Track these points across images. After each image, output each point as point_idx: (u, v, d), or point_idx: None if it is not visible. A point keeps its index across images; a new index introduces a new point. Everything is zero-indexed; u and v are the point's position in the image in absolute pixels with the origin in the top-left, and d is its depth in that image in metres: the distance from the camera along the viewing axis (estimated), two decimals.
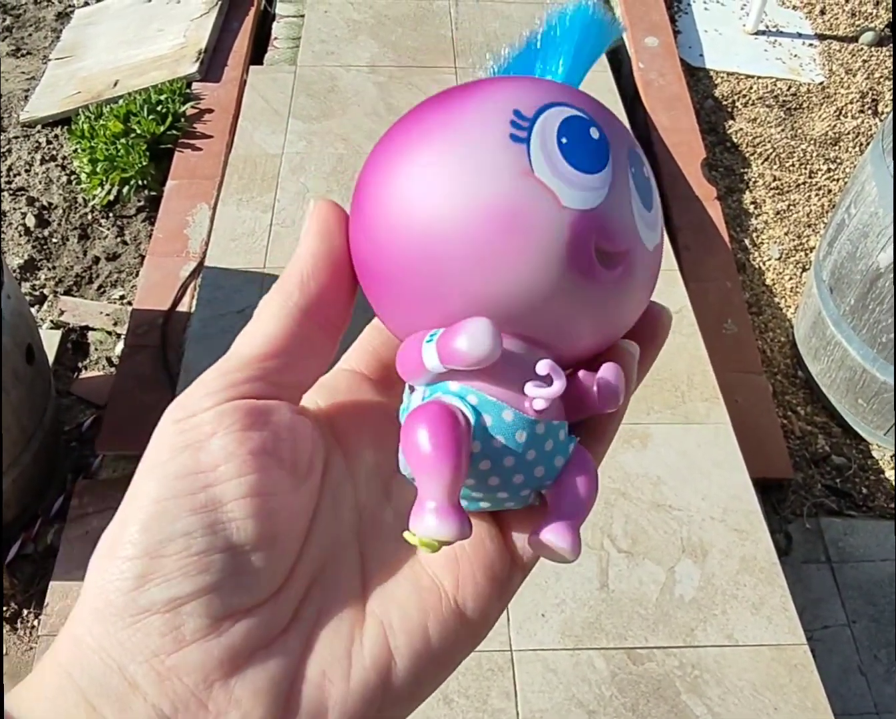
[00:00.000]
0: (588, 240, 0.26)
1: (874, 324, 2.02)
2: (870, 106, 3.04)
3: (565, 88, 0.29)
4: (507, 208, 0.26)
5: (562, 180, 0.26)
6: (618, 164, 0.28)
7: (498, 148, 0.26)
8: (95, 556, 0.27)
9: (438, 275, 0.27)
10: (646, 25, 3.15)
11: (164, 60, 2.90)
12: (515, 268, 0.26)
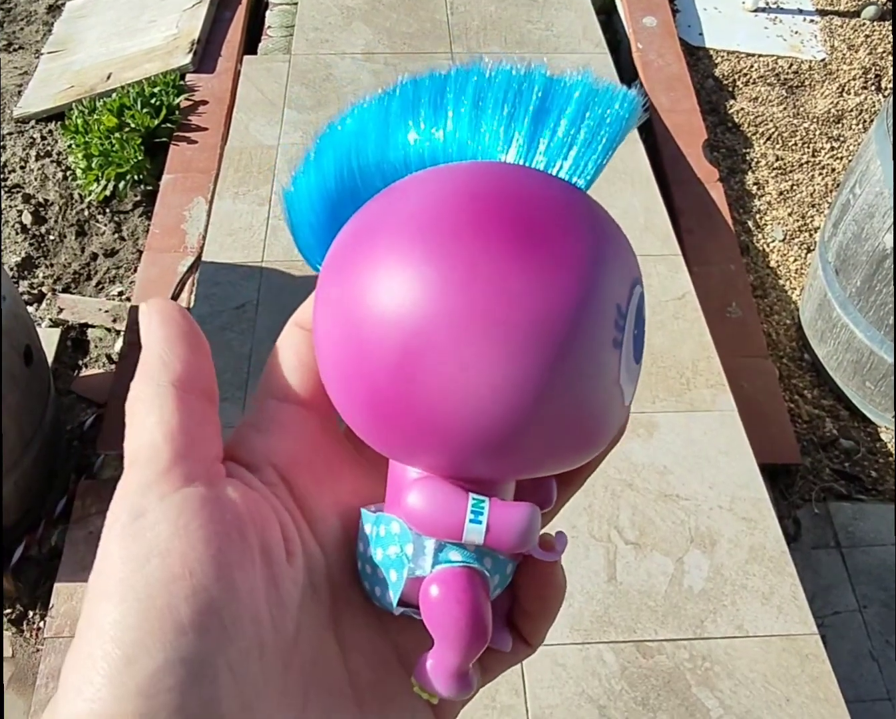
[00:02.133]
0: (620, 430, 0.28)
1: (881, 306, 2.00)
2: (873, 82, 3.00)
3: (623, 237, 0.27)
4: (596, 416, 0.25)
5: (629, 379, 0.26)
6: (627, 339, 0.26)
7: (603, 357, 0.25)
8: (65, 697, 0.23)
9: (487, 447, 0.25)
10: (644, 5, 3.11)
11: (156, 52, 2.87)
12: (583, 456, 0.27)
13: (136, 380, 0.27)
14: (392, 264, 0.24)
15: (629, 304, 0.25)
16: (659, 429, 1.87)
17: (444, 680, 0.27)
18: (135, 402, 0.27)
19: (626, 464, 1.81)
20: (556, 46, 2.87)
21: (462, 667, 0.27)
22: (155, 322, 0.28)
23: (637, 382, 0.28)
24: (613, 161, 0.27)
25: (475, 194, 0.25)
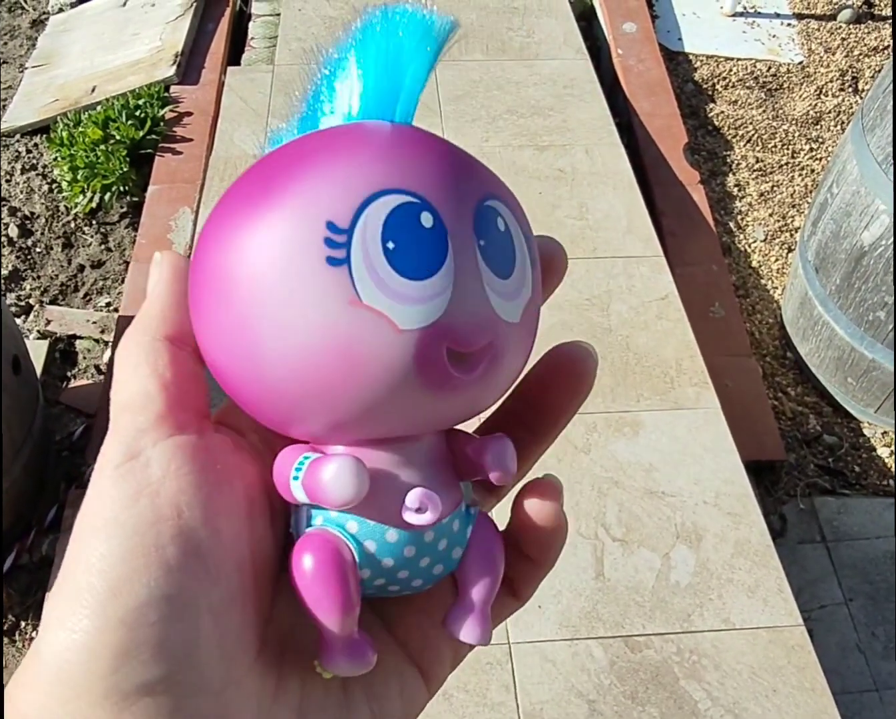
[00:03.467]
0: (438, 355, 0.24)
1: (860, 303, 2.03)
2: (850, 84, 3.05)
3: (390, 151, 0.25)
4: (339, 346, 0.23)
5: (395, 299, 0.23)
6: (460, 248, 0.24)
7: (315, 277, 0.23)
8: (47, 629, 0.24)
9: (281, 401, 0.25)
10: (623, 11, 3.14)
11: (140, 65, 2.88)
12: (363, 399, 0.24)
13: (133, 328, 0.27)
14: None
15: (359, 216, 0.23)
16: (644, 427, 1.89)
17: (322, 652, 0.26)
18: (130, 350, 0.27)
19: (612, 463, 1.83)
20: (537, 53, 2.89)
21: (328, 636, 0.26)
22: (165, 275, 0.28)
23: (524, 289, 0.26)
24: (596, 165, 0.29)
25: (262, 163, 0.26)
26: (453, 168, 0.25)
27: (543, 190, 2.42)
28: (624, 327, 2.09)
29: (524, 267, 0.26)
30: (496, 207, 0.26)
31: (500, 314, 0.25)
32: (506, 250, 0.25)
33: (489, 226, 0.25)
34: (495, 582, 0.28)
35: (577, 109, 2.68)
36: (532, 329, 0.28)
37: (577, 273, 2.21)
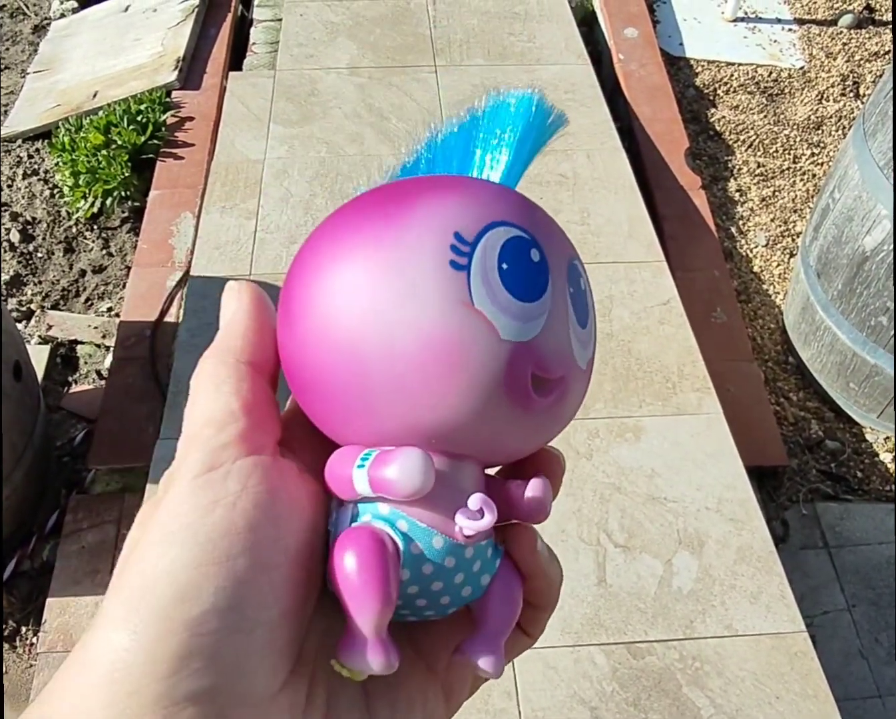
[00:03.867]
0: (525, 372, 0.27)
1: (862, 308, 2.03)
2: (851, 89, 3.05)
3: (508, 198, 0.28)
4: (445, 340, 0.26)
5: (501, 311, 0.26)
6: (557, 288, 0.27)
7: (437, 276, 0.26)
8: (103, 628, 0.24)
9: (370, 394, 0.27)
10: (624, 16, 3.15)
11: (142, 70, 2.89)
12: (451, 398, 0.26)
13: (216, 349, 0.29)
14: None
15: (482, 235, 0.26)
16: (646, 432, 1.89)
17: (345, 648, 0.27)
18: (215, 370, 0.28)
19: (614, 468, 1.82)
20: (538, 58, 2.90)
21: (356, 632, 0.26)
22: (245, 303, 0.29)
23: (592, 344, 0.30)
24: (597, 170, 0.31)
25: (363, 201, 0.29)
26: (554, 225, 0.29)
27: (545, 195, 2.42)
28: (626, 332, 2.08)
29: (593, 326, 0.30)
30: (579, 269, 0.29)
31: (575, 355, 0.28)
32: (585, 305, 0.29)
33: (576, 280, 0.29)
34: (513, 618, 0.29)
35: (579, 114, 2.68)
36: (587, 386, 0.30)
37: None
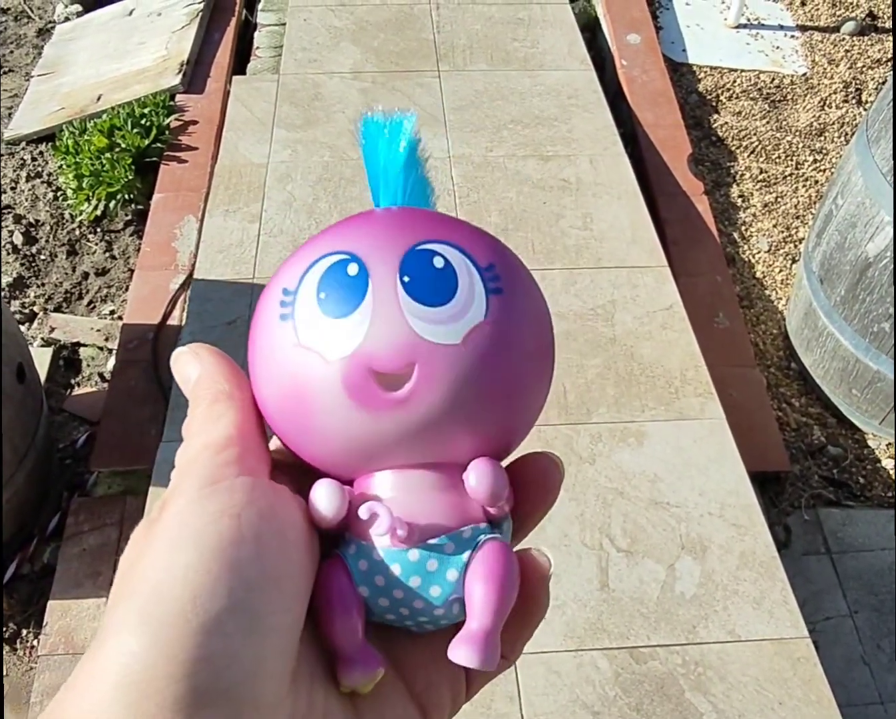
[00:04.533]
0: (361, 377, 0.28)
1: (865, 314, 2.03)
2: (853, 95, 3.05)
3: (342, 228, 0.31)
4: (289, 382, 0.29)
5: (322, 337, 0.29)
6: (381, 286, 0.29)
7: (273, 332, 0.30)
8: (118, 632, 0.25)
9: (284, 438, 0.31)
10: (627, 22, 3.15)
11: (146, 73, 2.89)
12: (318, 425, 0.29)
13: (203, 396, 0.31)
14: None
15: (303, 279, 0.30)
16: (649, 437, 1.89)
17: (337, 669, 0.29)
18: (210, 407, 0.30)
19: (617, 473, 1.82)
20: (541, 63, 2.90)
21: (335, 650, 0.29)
22: (208, 360, 0.32)
23: (469, 316, 0.29)
24: (600, 175, 0.30)
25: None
26: (394, 227, 0.30)
27: (548, 200, 2.42)
28: (628, 337, 2.08)
29: (471, 296, 0.29)
30: (435, 249, 0.29)
31: (428, 337, 0.28)
32: (441, 281, 0.29)
33: (419, 264, 0.29)
34: (498, 607, 0.29)
35: (582, 120, 2.68)
36: (491, 351, 0.29)
37: (582, 283, 2.21)
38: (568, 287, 2.19)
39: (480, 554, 0.29)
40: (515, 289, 0.30)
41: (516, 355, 0.30)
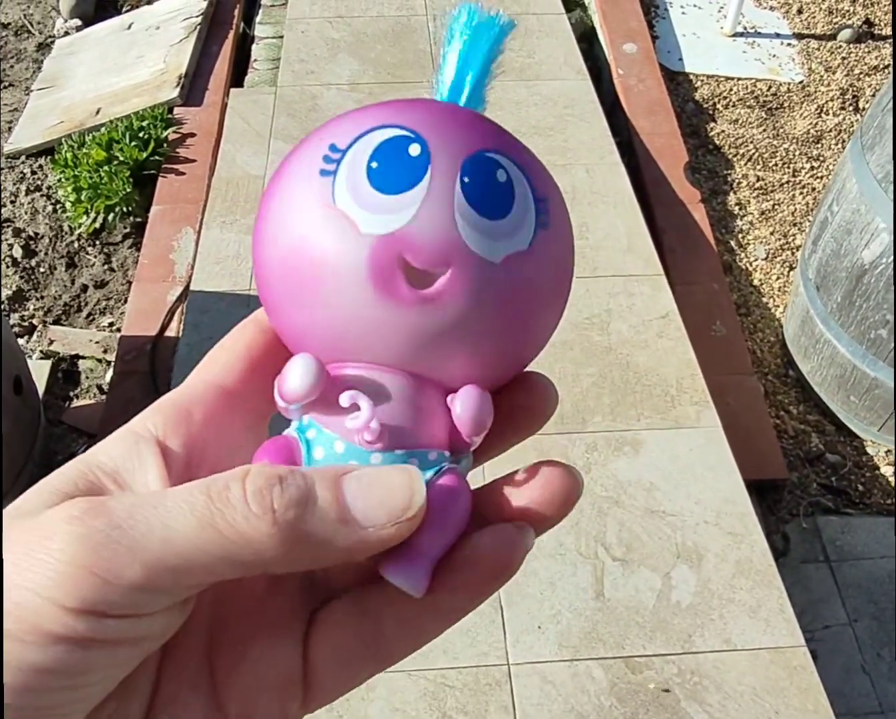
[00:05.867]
0: (390, 262, 0.26)
1: (862, 321, 2.02)
2: (850, 103, 3.06)
3: (409, 105, 0.29)
4: (308, 240, 0.27)
5: (363, 207, 0.26)
6: (440, 177, 0.27)
7: (306, 183, 0.27)
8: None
9: (275, 301, 0.29)
10: (624, 32, 3.16)
11: (144, 87, 2.91)
12: (326, 299, 0.27)
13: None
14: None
15: (357, 141, 0.27)
16: (645, 446, 1.89)
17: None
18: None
19: (613, 482, 1.82)
20: (537, 74, 2.91)
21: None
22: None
23: (516, 239, 0.28)
24: (597, 184, 0.30)
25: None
26: (465, 123, 0.28)
27: None
28: (624, 346, 2.08)
29: (522, 220, 0.28)
30: (501, 162, 0.28)
31: (471, 245, 0.27)
32: (498, 196, 0.28)
33: (483, 171, 0.27)
34: (442, 535, 0.27)
35: (578, 129, 2.69)
36: (523, 283, 0.28)
37: (578, 292, 2.21)
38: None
39: (440, 483, 0.28)
40: (560, 229, 0.30)
41: (543, 293, 0.29)
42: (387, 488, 0.25)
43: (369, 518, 0.24)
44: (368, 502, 0.24)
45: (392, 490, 0.25)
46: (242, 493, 0.23)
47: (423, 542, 0.27)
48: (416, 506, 0.25)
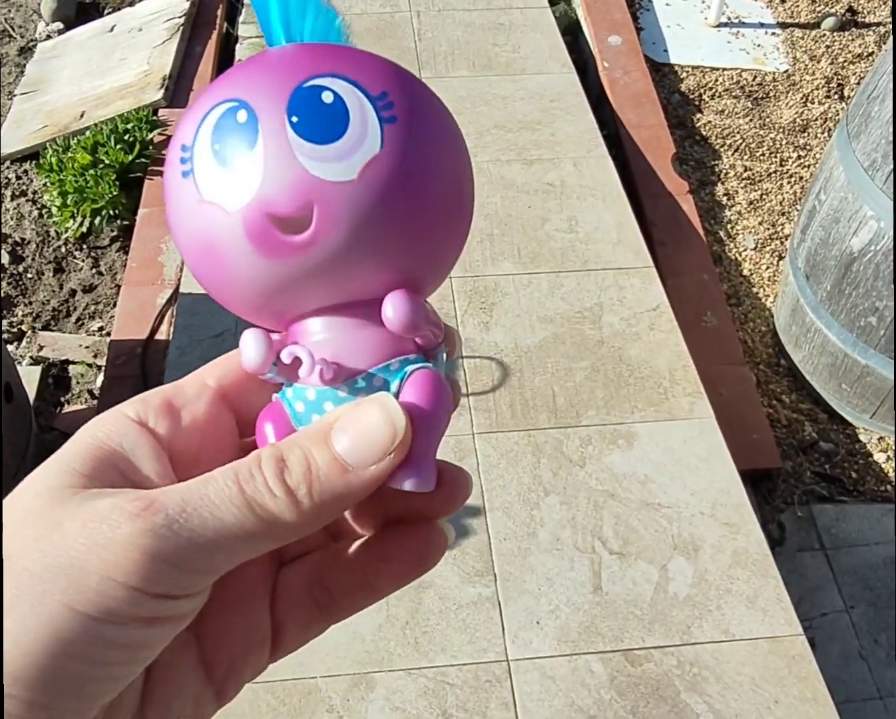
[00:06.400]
0: (263, 225, 0.28)
1: (851, 309, 2.03)
2: (835, 91, 3.06)
3: (242, 69, 0.30)
4: (199, 235, 0.29)
5: (221, 188, 0.29)
6: (269, 130, 0.28)
7: (176, 190, 0.30)
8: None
9: (204, 286, 0.31)
10: (608, 24, 3.16)
11: (128, 89, 2.89)
12: (231, 275, 0.29)
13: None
14: None
15: (197, 132, 0.29)
16: (639, 438, 1.89)
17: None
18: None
19: (608, 475, 1.82)
20: (523, 68, 2.91)
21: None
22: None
23: (362, 150, 0.28)
24: (584, 178, 0.29)
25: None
26: (282, 67, 0.29)
27: (532, 204, 2.43)
28: (616, 339, 2.08)
29: (363, 128, 0.29)
30: (323, 84, 0.29)
31: (323, 176, 0.28)
32: (330, 117, 0.28)
33: (307, 102, 0.29)
34: (428, 428, 0.29)
35: (565, 123, 2.69)
36: (388, 181, 0.29)
37: (568, 286, 2.21)
38: (554, 290, 2.19)
39: (408, 383, 0.30)
40: (413, 117, 0.29)
41: (417, 184, 0.29)
42: (370, 428, 0.27)
43: (366, 459, 0.27)
44: (360, 448, 0.27)
45: (375, 428, 0.27)
46: (264, 479, 0.26)
47: (417, 447, 0.29)
48: (400, 431, 0.27)
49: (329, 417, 0.29)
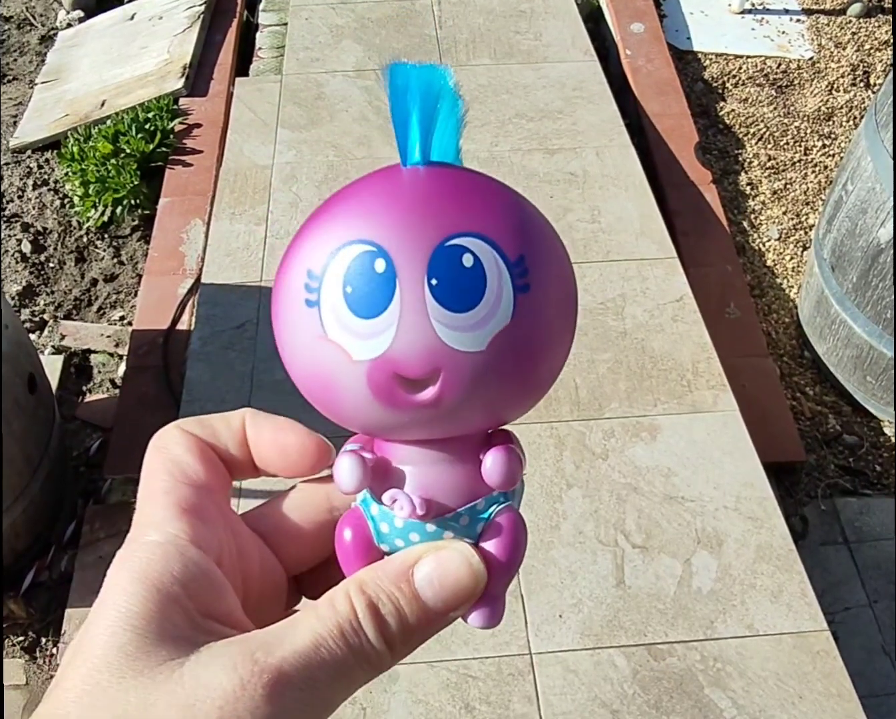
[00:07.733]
0: (385, 380, 0.29)
1: (878, 301, 2.01)
2: (861, 78, 3.02)
3: (371, 210, 0.29)
4: (315, 369, 0.30)
5: (350, 335, 0.29)
6: (409, 289, 0.28)
7: (298, 316, 0.30)
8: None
9: (310, 401, 0.31)
10: (631, 12, 3.13)
11: (149, 78, 2.89)
12: (342, 407, 0.30)
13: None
14: None
15: (328, 266, 0.29)
16: (662, 431, 1.88)
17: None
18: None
19: (631, 468, 1.81)
20: (545, 56, 2.88)
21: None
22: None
23: (491, 322, 0.29)
24: (607, 167, 0.29)
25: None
26: (422, 211, 0.29)
27: (554, 194, 2.41)
28: (639, 330, 2.07)
29: (498, 297, 0.29)
30: (465, 244, 0.29)
31: (454, 345, 0.29)
32: (468, 284, 0.29)
33: (449, 264, 0.29)
34: (505, 573, 0.31)
35: (587, 112, 2.66)
36: (514, 352, 0.30)
37: (591, 277, 2.20)
38: (577, 281, 2.18)
39: (493, 527, 0.31)
40: (543, 282, 0.30)
41: (540, 354, 0.31)
42: (456, 583, 0.30)
43: (448, 606, 0.30)
44: (445, 601, 0.30)
45: (460, 583, 0.30)
46: (367, 638, 0.29)
47: (492, 588, 0.31)
48: (481, 585, 0.30)
49: (411, 556, 0.31)
